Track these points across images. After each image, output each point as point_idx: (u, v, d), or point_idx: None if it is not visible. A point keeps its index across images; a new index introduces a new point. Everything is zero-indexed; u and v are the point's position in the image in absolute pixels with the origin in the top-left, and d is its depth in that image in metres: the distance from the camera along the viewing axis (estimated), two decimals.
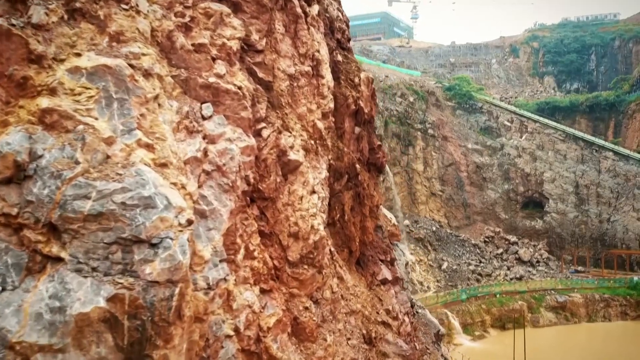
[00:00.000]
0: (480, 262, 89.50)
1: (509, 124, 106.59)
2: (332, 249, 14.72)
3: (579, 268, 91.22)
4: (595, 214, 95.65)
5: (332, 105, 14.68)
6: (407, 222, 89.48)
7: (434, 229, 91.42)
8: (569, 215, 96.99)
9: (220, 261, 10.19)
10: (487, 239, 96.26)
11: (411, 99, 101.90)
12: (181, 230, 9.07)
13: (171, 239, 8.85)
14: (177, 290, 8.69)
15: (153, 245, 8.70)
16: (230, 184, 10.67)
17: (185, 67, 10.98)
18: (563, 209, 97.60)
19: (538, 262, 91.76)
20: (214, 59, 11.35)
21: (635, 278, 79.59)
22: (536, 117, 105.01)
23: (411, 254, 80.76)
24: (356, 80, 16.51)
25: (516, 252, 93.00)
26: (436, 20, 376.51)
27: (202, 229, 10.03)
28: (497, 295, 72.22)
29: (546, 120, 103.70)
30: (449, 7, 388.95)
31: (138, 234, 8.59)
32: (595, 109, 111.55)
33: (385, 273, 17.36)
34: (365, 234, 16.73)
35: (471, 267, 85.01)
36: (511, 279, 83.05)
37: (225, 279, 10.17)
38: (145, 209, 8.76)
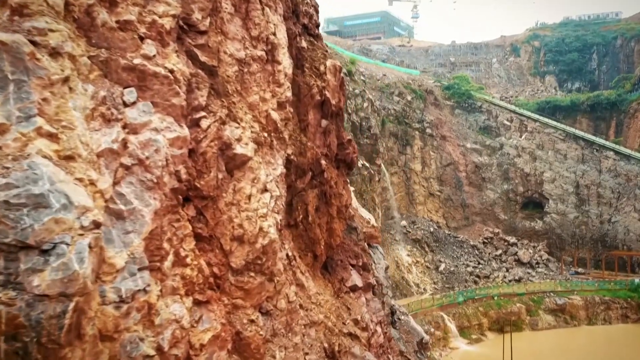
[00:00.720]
0: (479, 263, 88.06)
1: (508, 123, 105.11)
2: (291, 254, 13.32)
3: (579, 270, 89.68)
4: (595, 214, 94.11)
5: (289, 94, 13.29)
6: (404, 222, 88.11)
7: (432, 229, 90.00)
8: (569, 216, 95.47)
9: (140, 269, 8.80)
10: (485, 240, 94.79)
11: (409, 98, 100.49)
12: (82, 234, 7.68)
13: (67, 244, 7.46)
14: (71, 306, 7.31)
15: (43, 252, 7.31)
16: (155, 180, 9.28)
17: (108, 46, 9.58)
18: (563, 210, 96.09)
19: (538, 263, 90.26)
20: (142, 38, 9.96)
21: (637, 280, 77.98)
22: (536, 116, 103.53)
23: (408, 255, 79.38)
24: (321, 68, 15.12)
25: (515, 254, 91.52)
26: (437, 19, 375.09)
27: (116, 232, 8.64)
28: (495, 298, 70.78)
29: (546, 120, 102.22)
30: (450, 7, 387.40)
31: (24, 239, 7.19)
32: (596, 108, 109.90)
33: (356, 279, 15.95)
34: (333, 236, 15.34)
35: (469, 269, 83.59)
36: (510, 281, 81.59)
37: (145, 290, 8.77)
38: (35, 209, 7.36)
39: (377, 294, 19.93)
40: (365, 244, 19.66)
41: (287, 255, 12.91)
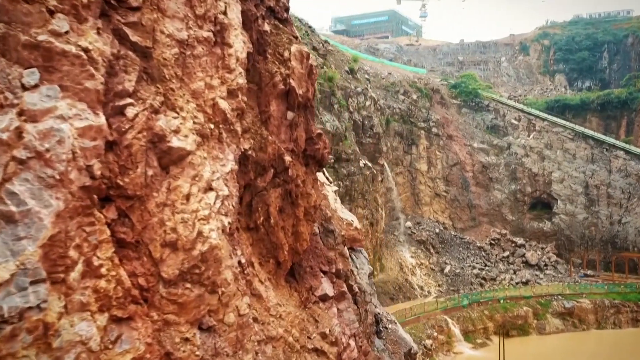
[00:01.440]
0: (486, 265, 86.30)
1: (516, 122, 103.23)
2: (246, 260, 11.87)
3: (589, 272, 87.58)
4: (605, 215, 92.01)
5: (241, 80, 11.86)
6: (409, 223, 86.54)
7: (437, 230, 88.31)
8: (578, 217, 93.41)
9: (34, 282, 7.38)
10: (492, 242, 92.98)
11: (414, 97, 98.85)
12: None
13: None
14: None
15: None
16: (58, 177, 7.85)
17: (8, 20, 8.16)
18: (572, 210, 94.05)
19: (546, 265, 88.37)
20: (52, 12, 8.54)
21: None
22: (544, 115, 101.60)
23: (412, 257, 77.78)
24: (285, 54, 13.68)
25: (523, 255, 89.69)
26: (445, 18, 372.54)
27: (2, 239, 7.23)
28: (501, 301, 69.06)
29: (554, 119, 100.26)
30: (459, 6, 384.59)
31: None
32: (606, 107, 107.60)
33: (326, 287, 14.49)
34: (299, 240, 13.89)
35: (475, 271, 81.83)
36: (517, 284, 79.80)
37: (39, 307, 7.36)
38: None
39: (359, 302, 18.47)
40: (345, 248, 18.18)
41: (239, 262, 11.46)
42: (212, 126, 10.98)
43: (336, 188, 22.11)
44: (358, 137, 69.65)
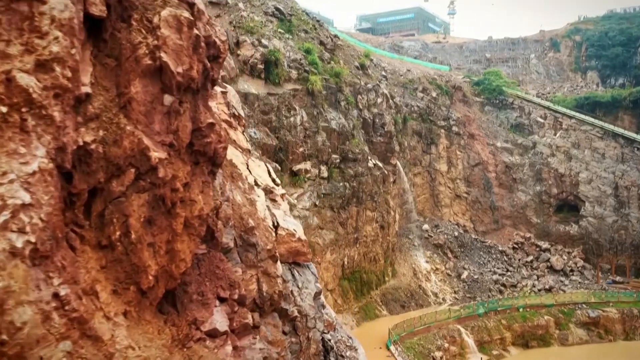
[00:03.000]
0: (507, 270, 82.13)
1: (542, 120, 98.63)
2: (70, 291, 8.79)
3: (617, 278, 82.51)
4: (636, 218, 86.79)
5: (56, 49, 8.78)
6: (426, 226, 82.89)
7: (456, 234, 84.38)
8: (607, 220, 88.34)
9: None
10: (516, 245, 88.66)
11: (434, 94, 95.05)
12: None
13: None
14: None
15: None
16: None
17: None
18: (601, 213, 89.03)
19: (572, 271, 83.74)
20: None
21: None
22: (572, 112, 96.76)
23: (426, 262, 74.13)
24: (155, 20, 10.58)
25: (548, 260, 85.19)
26: (474, 15, 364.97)
27: None
28: (520, 309, 64.95)
29: (582, 116, 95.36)
30: (488, 2, 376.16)
31: None
32: (639, 104, 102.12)
33: (218, 320, 11.34)
34: (175, 261, 10.77)
35: (494, 277, 77.70)
36: (539, 290, 75.53)
37: None
38: None
39: (299, 328, 15.32)
40: (276, 264, 15.06)
41: (56, 294, 8.42)
42: (4, 109, 7.97)
43: (283, 191, 19.11)
44: (368, 136, 66.34)
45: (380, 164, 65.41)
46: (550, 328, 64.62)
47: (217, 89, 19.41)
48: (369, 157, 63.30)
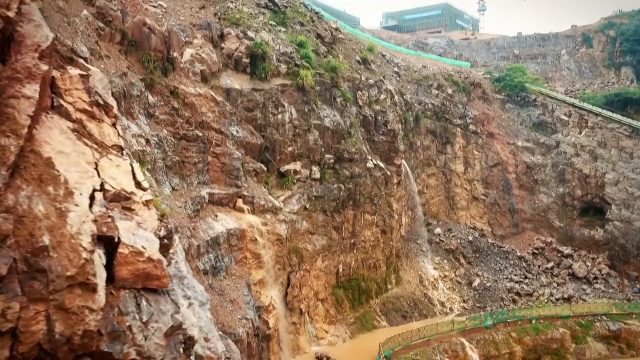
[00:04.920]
0: (526, 277, 77.05)
1: (566, 118, 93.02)
2: None
3: None
4: None
5: None
6: (438, 230, 78.41)
7: (471, 238, 79.59)
8: (635, 224, 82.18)
9: None
10: (536, 251, 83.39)
11: (450, 91, 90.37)
12: None
13: None
14: None
15: None
16: None
17: None
18: (628, 217, 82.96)
19: (596, 278, 78.15)
20: None
21: None
22: (598, 109, 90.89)
23: (434, 268, 69.67)
24: None
25: (570, 267, 79.74)
26: (505, 12, 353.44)
27: None
28: (533, 321, 59.99)
29: (609, 113, 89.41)
30: None
31: None
32: None
33: None
34: None
35: (509, 285, 72.73)
36: (557, 300, 70.41)
37: None
38: None
39: None
40: (92, 294, 11.57)
41: None
42: None
43: (150, 197, 15.52)
44: (369, 135, 62.22)
45: (381, 165, 61.31)
46: (566, 342, 59.52)
47: (74, 71, 15.93)
48: (369, 157, 59.27)
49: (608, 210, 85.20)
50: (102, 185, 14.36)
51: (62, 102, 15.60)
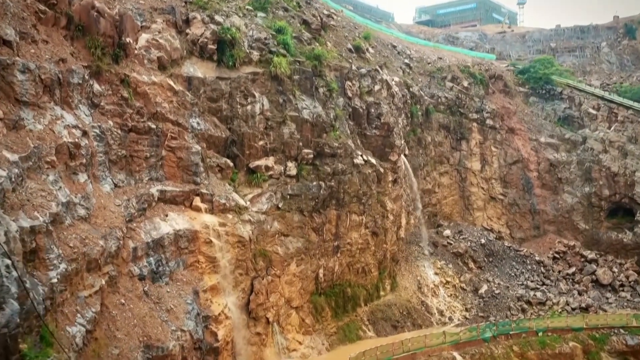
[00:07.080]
0: (543, 283, 70.72)
1: (594, 112, 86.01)
2: None
3: None
4: None
5: None
6: (447, 232, 72.88)
7: (483, 241, 73.69)
8: None
9: None
10: (556, 255, 76.84)
11: (465, 84, 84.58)
12: None
13: None
14: None
15: None
16: None
17: None
18: None
19: (622, 286, 71.21)
20: None
21: None
22: (629, 102, 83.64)
23: (435, 273, 64.26)
24: None
25: (593, 273, 72.94)
26: (544, 4, 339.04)
27: None
28: (540, 333, 54.09)
29: None
30: None
31: None
32: None
33: None
34: None
35: (520, 293, 66.59)
36: (573, 309, 63.95)
37: None
38: None
39: None
40: None
41: None
42: None
43: None
44: (360, 128, 57.40)
45: (373, 161, 56.39)
46: (577, 357, 53.36)
47: None
48: (358, 153, 54.48)
49: (638, 212, 77.93)
50: None
51: None
